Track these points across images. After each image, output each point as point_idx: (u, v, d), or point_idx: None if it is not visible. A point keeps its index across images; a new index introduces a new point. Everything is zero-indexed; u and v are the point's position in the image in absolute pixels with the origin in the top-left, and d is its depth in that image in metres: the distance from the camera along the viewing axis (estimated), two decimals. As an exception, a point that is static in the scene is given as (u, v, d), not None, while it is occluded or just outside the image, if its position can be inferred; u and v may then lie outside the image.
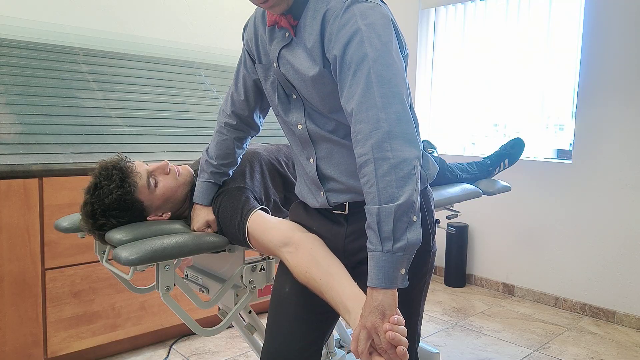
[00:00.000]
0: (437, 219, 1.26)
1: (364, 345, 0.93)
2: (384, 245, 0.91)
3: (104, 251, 1.46)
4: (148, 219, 1.37)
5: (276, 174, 1.48)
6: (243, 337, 1.56)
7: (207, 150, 1.39)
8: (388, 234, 0.91)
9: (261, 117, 1.38)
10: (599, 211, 2.97)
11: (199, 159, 1.47)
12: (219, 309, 1.54)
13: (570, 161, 3.09)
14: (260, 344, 1.54)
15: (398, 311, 0.92)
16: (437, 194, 1.83)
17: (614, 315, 2.93)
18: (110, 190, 1.29)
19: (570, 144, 3.15)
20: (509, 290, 3.41)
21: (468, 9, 3.55)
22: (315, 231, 1.19)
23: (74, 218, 1.47)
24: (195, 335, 2.63)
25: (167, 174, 1.39)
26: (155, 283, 1.30)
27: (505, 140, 3.01)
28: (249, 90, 1.29)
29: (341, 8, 0.98)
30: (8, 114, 2.21)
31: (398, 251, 0.91)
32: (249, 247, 1.29)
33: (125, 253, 1.17)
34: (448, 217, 2.06)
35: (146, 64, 2.83)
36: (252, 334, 1.54)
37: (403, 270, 0.92)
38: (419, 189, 0.97)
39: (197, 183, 1.38)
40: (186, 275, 1.62)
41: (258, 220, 1.24)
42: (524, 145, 2.20)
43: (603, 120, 2.93)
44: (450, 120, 3.70)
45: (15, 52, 2.39)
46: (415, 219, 0.93)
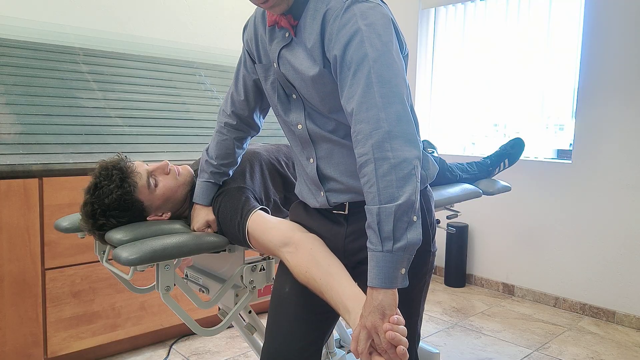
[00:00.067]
0: (437, 219, 1.26)
1: (364, 345, 0.93)
2: (384, 245, 0.91)
3: (104, 251, 1.46)
4: (148, 219, 1.37)
5: (276, 174, 1.48)
6: (243, 337, 1.56)
7: (207, 150, 1.39)
8: (388, 233, 0.91)
9: (261, 117, 1.38)
10: (599, 211, 2.97)
11: (199, 159, 1.47)
12: (219, 309, 1.54)
13: (570, 161, 3.09)
14: (260, 344, 1.54)
15: (398, 311, 0.93)
16: (437, 194, 1.83)
17: (614, 315, 2.93)
18: (110, 190, 1.29)
19: (570, 144, 3.15)
20: (509, 290, 3.41)
21: (468, 9, 3.55)
22: (315, 231, 1.19)
23: (74, 218, 1.47)
24: (195, 335, 2.63)
25: (167, 174, 1.39)
26: (155, 283, 1.30)
27: (505, 140, 3.01)
28: (249, 90, 1.29)
29: (341, 8, 0.98)
30: (8, 114, 2.21)
31: (398, 251, 0.91)
32: (249, 247, 1.29)
33: (125, 253, 1.17)
34: (448, 217, 2.06)
35: (146, 64, 2.83)
36: (252, 334, 1.54)
37: (403, 270, 0.93)
38: (419, 188, 0.97)
39: (197, 183, 1.38)
40: (186, 275, 1.62)
41: (258, 220, 1.24)
42: (524, 145, 2.20)
43: (603, 120, 2.93)
44: (450, 120, 3.70)
45: (15, 52, 2.39)
46: (415, 218, 0.93)
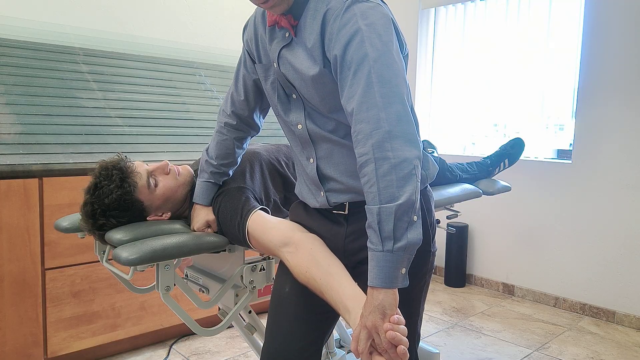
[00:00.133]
0: (437, 219, 1.26)
1: (364, 345, 0.93)
2: (385, 244, 0.91)
3: (104, 251, 1.46)
4: (148, 219, 1.37)
5: (276, 174, 1.48)
6: (243, 337, 1.56)
7: (207, 150, 1.39)
8: (389, 233, 0.91)
9: (261, 117, 1.38)
10: (599, 211, 2.97)
11: (199, 159, 1.47)
12: (219, 309, 1.54)
13: (570, 161, 3.09)
14: (260, 344, 1.54)
15: (398, 311, 0.93)
16: (437, 194, 1.83)
17: (614, 315, 2.93)
18: (110, 190, 1.29)
19: (570, 144, 3.15)
20: (509, 290, 3.41)
21: (468, 9, 3.55)
22: (315, 231, 1.19)
23: (74, 218, 1.47)
24: (195, 335, 2.63)
25: (167, 174, 1.39)
26: (155, 283, 1.30)
27: (505, 140, 3.01)
28: (249, 90, 1.29)
29: (341, 8, 0.98)
30: (8, 114, 2.21)
31: (399, 251, 0.91)
32: (249, 247, 1.29)
33: (125, 253, 1.17)
34: (448, 217, 2.06)
35: (146, 64, 2.83)
36: (252, 334, 1.54)
37: (403, 270, 0.93)
38: (420, 188, 0.97)
39: (197, 183, 1.38)
40: (186, 275, 1.62)
41: (258, 220, 1.24)
42: (524, 145, 2.20)
43: (603, 120, 2.93)
44: (450, 120, 3.70)
45: (15, 52, 2.39)
46: (415, 218, 0.93)
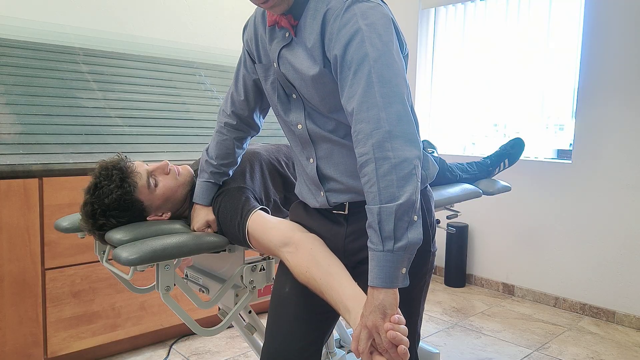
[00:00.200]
0: (437, 219, 1.26)
1: (364, 345, 0.93)
2: (385, 244, 0.91)
3: (104, 251, 1.46)
4: (148, 219, 1.37)
5: (276, 174, 1.48)
6: (243, 337, 1.56)
7: (207, 150, 1.39)
8: (389, 233, 0.91)
9: (261, 117, 1.38)
10: (599, 211, 2.97)
11: (199, 159, 1.47)
12: (219, 309, 1.54)
13: (570, 161, 3.09)
14: (260, 344, 1.54)
15: (399, 310, 0.93)
16: (437, 194, 1.83)
17: (614, 315, 2.93)
18: (110, 190, 1.29)
19: (570, 144, 3.15)
20: (509, 290, 3.41)
21: (468, 9, 3.55)
22: (315, 231, 1.19)
23: (74, 218, 1.47)
24: (195, 335, 2.63)
25: (167, 174, 1.39)
26: (155, 283, 1.30)
27: (505, 140, 3.01)
28: (249, 90, 1.29)
29: (342, 8, 0.98)
30: (8, 114, 2.21)
31: (399, 250, 0.91)
32: (249, 247, 1.29)
33: (125, 253, 1.17)
34: (448, 217, 2.06)
35: (146, 64, 2.83)
36: (252, 334, 1.54)
37: (404, 270, 0.93)
38: (420, 188, 0.97)
39: (197, 183, 1.38)
40: (186, 275, 1.62)
41: (258, 220, 1.24)
42: (524, 145, 2.20)
43: (603, 120, 2.93)
44: (450, 120, 3.70)
45: (15, 52, 2.39)
46: (416, 218, 0.93)
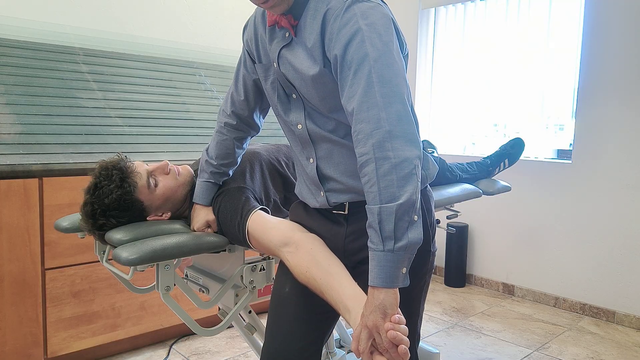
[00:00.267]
0: (437, 219, 1.26)
1: (365, 345, 0.93)
2: (386, 244, 0.91)
3: (104, 251, 1.46)
4: (148, 219, 1.37)
5: (276, 174, 1.48)
6: (243, 337, 1.56)
7: (207, 150, 1.39)
8: (389, 233, 0.91)
9: (261, 117, 1.38)
10: (599, 211, 2.97)
11: (199, 159, 1.47)
12: (219, 309, 1.54)
13: (570, 161, 3.09)
14: (260, 344, 1.54)
15: (399, 310, 0.93)
16: (437, 194, 1.83)
17: (614, 315, 2.93)
18: (110, 190, 1.28)
19: (570, 144, 3.15)
20: (509, 290, 3.41)
21: (468, 9, 3.55)
22: (315, 231, 1.19)
23: (74, 218, 1.47)
24: (195, 335, 2.63)
25: (167, 174, 1.39)
26: (155, 283, 1.30)
27: (505, 140, 3.01)
28: (249, 90, 1.29)
29: (342, 8, 0.98)
30: (8, 114, 2.20)
31: (399, 250, 0.91)
32: (249, 247, 1.29)
33: (125, 253, 1.17)
34: (448, 217, 2.06)
35: (146, 64, 2.83)
36: (252, 334, 1.54)
37: (404, 270, 0.93)
38: (420, 188, 0.97)
39: (197, 183, 1.38)
40: (186, 275, 1.62)
41: (258, 220, 1.24)
42: (524, 145, 2.20)
43: (603, 120, 2.93)
44: (450, 120, 3.70)
45: (15, 52, 2.39)
46: (416, 218, 0.93)
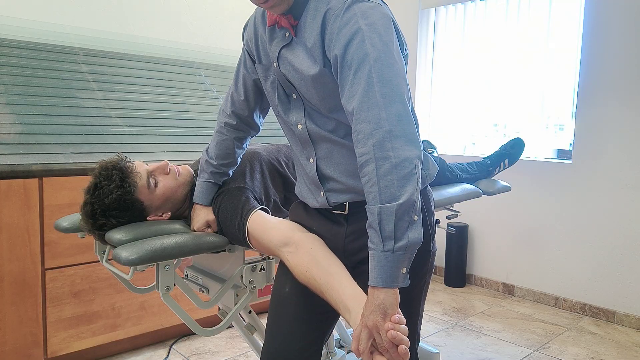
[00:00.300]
0: (437, 219, 1.26)
1: (365, 345, 0.93)
2: (386, 244, 0.91)
3: (104, 251, 1.46)
4: (148, 219, 1.37)
5: (276, 174, 1.48)
6: (243, 337, 1.56)
7: (207, 150, 1.39)
8: (389, 233, 0.91)
9: (261, 117, 1.38)
10: (599, 211, 2.97)
11: (199, 159, 1.47)
12: (219, 309, 1.54)
13: (570, 161, 3.09)
14: (260, 344, 1.54)
15: (399, 310, 0.93)
16: (437, 194, 1.83)
17: (614, 315, 2.93)
18: (110, 190, 1.28)
19: (570, 144, 3.15)
20: (509, 290, 3.41)
21: (468, 9, 3.55)
22: (315, 231, 1.19)
23: (74, 218, 1.47)
24: (195, 335, 2.63)
25: (167, 174, 1.39)
26: (155, 283, 1.30)
27: (505, 140, 3.01)
28: (249, 90, 1.29)
29: (342, 8, 0.98)
30: (8, 114, 2.20)
31: (399, 250, 0.91)
32: (249, 247, 1.29)
33: (125, 253, 1.17)
34: (448, 217, 2.06)
35: (146, 64, 2.83)
36: (252, 334, 1.54)
37: (404, 270, 0.93)
38: (420, 188, 0.97)
39: (197, 183, 1.38)
40: (186, 275, 1.62)
41: (258, 220, 1.24)
42: (524, 145, 2.20)
43: (603, 120, 2.93)
44: (450, 120, 3.70)
45: (15, 52, 2.39)
46: (416, 218, 0.93)
